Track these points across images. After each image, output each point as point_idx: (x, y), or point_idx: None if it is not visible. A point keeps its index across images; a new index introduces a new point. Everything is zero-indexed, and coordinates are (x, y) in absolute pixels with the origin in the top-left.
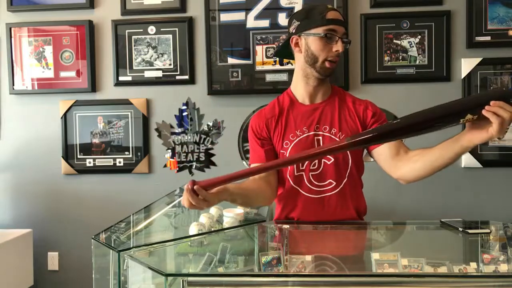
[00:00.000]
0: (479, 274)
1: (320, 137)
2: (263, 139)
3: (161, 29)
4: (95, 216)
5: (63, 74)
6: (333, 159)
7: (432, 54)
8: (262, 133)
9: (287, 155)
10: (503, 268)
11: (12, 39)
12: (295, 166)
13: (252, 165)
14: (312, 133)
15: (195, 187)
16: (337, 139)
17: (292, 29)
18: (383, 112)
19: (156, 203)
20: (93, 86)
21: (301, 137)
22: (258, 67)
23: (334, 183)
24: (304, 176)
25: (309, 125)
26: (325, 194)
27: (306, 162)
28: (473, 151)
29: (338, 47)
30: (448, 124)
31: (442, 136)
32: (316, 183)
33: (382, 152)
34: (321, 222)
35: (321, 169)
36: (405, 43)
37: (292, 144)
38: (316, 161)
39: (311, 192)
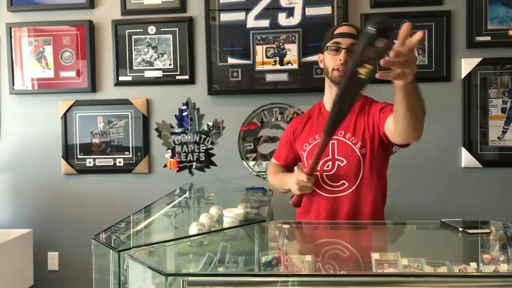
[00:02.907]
0: (479, 274)
1: (335, 141)
2: (290, 142)
3: (161, 29)
4: (95, 216)
5: (63, 74)
6: (345, 161)
7: (432, 54)
8: (291, 137)
9: (305, 156)
10: (503, 268)
11: (12, 39)
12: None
13: (274, 160)
14: None
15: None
16: (349, 143)
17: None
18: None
19: (156, 203)
20: (93, 86)
21: (318, 140)
22: (258, 67)
23: (347, 184)
24: (319, 177)
25: None
26: (339, 194)
27: (320, 164)
28: (473, 151)
29: (340, 56)
30: (359, 88)
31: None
32: (330, 183)
33: (387, 127)
34: (321, 222)
35: (334, 170)
36: None
37: (310, 147)
38: (330, 162)
39: (326, 192)
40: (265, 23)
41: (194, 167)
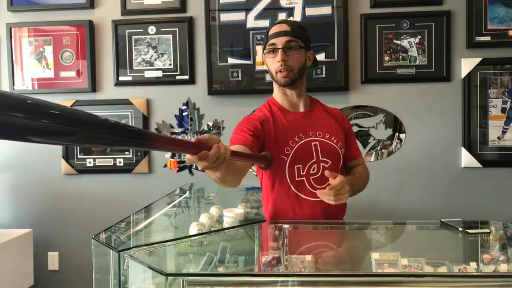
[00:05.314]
0: (479, 274)
1: (317, 142)
2: (254, 132)
3: (161, 29)
4: (95, 216)
5: (63, 74)
6: (330, 162)
7: (432, 54)
8: (257, 128)
9: (288, 160)
10: (503, 268)
11: (12, 39)
12: (295, 171)
13: (232, 146)
14: (308, 139)
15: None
16: (332, 143)
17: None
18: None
19: (156, 203)
20: (93, 86)
21: (300, 143)
22: (258, 67)
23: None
24: (305, 181)
25: (304, 132)
26: None
27: (306, 168)
28: (473, 151)
29: (278, 57)
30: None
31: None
32: (317, 186)
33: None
34: (321, 222)
35: (320, 173)
36: (405, 43)
37: (293, 150)
38: (315, 165)
39: (313, 196)
40: (265, 23)
41: (194, 167)
